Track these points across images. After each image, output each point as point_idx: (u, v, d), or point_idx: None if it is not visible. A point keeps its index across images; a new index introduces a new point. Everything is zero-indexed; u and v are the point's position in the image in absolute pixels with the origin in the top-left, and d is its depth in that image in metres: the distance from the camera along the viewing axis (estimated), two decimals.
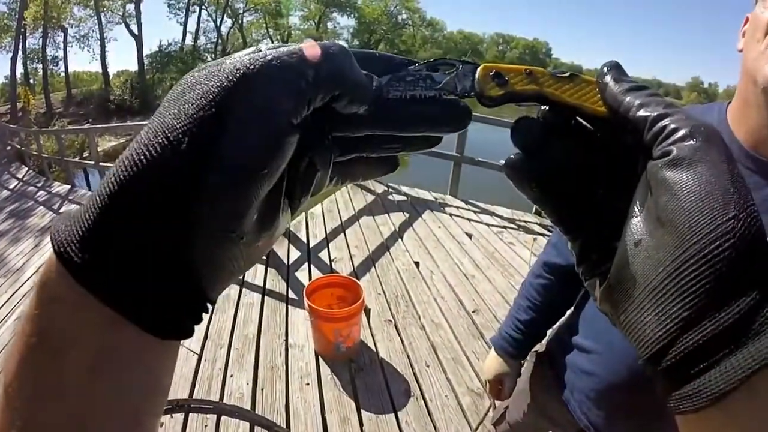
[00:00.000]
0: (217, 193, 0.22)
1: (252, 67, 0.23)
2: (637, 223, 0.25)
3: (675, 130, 0.25)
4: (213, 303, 0.25)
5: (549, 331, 1.24)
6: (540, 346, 1.26)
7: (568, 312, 1.19)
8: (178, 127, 0.22)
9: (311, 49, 0.24)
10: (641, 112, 0.26)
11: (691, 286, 0.22)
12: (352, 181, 0.34)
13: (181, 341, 0.25)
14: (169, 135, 0.22)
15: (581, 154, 0.30)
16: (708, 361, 0.21)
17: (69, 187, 8.56)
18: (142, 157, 0.21)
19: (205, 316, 0.26)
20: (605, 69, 0.29)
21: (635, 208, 0.26)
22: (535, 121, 0.30)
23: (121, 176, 0.21)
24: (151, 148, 0.21)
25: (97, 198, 0.22)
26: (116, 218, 0.21)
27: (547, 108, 0.30)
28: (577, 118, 0.30)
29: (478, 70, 0.29)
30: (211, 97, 0.22)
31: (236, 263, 0.25)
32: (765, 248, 0.22)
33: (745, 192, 0.23)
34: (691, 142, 0.24)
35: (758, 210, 0.22)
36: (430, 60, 0.29)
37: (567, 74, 0.29)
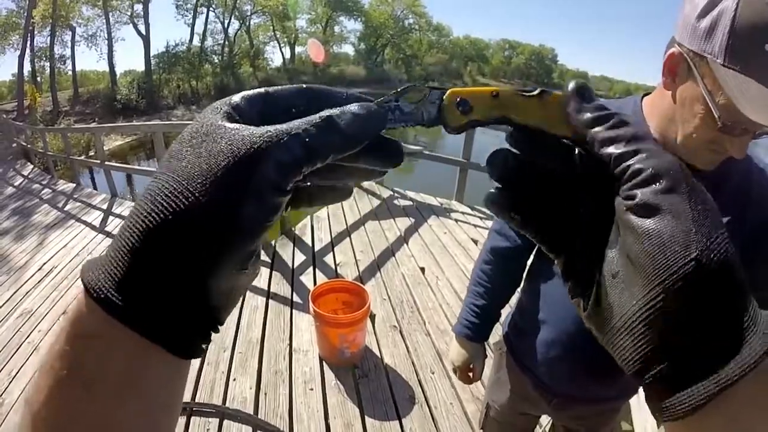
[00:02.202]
0: (235, 244, 0.26)
1: (260, 146, 0.26)
2: (613, 256, 0.28)
3: (638, 172, 0.26)
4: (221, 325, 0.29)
5: (503, 320, 1.38)
6: (499, 337, 1.38)
7: (516, 298, 1.31)
8: (201, 185, 0.25)
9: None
10: (606, 150, 0.28)
11: (658, 320, 0.25)
12: (300, 208, 0.36)
13: None
14: (194, 191, 0.25)
15: (558, 179, 0.31)
16: (678, 382, 0.25)
17: (74, 185, 8.57)
18: (169, 209, 0.25)
19: None
20: (569, 94, 0.30)
21: (612, 238, 0.28)
22: (509, 153, 0.31)
23: (150, 224, 0.25)
24: (177, 201, 0.25)
25: (126, 243, 0.25)
26: (149, 263, 0.25)
27: (513, 129, 0.30)
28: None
29: (444, 96, 0.30)
30: (229, 164, 0.26)
31: (242, 291, 0.30)
32: (729, 280, 0.25)
33: (708, 228, 0.25)
34: (654, 186, 0.26)
35: (726, 239, 0.25)
36: (398, 90, 0.31)
37: (536, 92, 0.30)
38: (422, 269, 3.90)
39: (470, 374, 1.36)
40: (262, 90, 0.31)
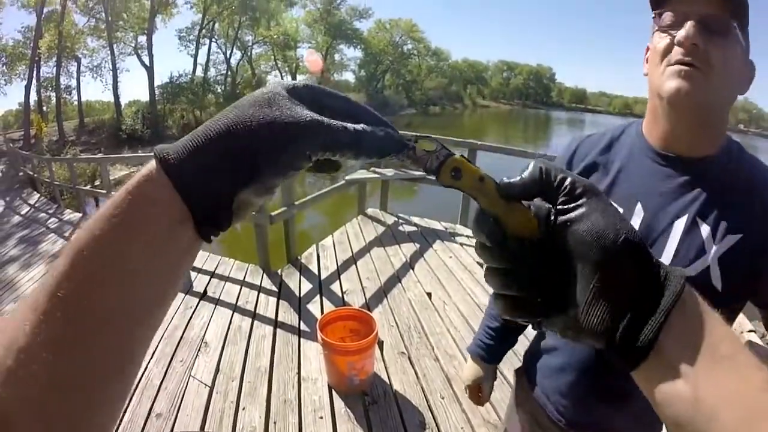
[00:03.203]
0: (265, 177, 0.36)
1: (309, 123, 0.36)
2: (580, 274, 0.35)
3: (572, 187, 0.36)
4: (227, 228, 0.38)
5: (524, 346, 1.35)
6: (517, 361, 1.36)
7: None
8: (264, 130, 0.35)
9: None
10: (556, 179, 0.37)
11: (611, 290, 0.34)
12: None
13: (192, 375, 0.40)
14: (241, 140, 0.35)
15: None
16: (631, 336, 0.34)
17: (80, 215, 8.62)
18: (240, 136, 0.35)
19: (217, 350, 0.48)
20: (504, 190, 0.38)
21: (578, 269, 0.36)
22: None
23: (220, 134, 0.35)
24: (245, 134, 0.35)
25: (197, 141, 0.35)
26: (205, 160, 0.34)
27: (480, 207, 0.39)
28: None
29: (448, 161, 0.38)
30: (285, 124, 0.35)
31: (250, 211, 0.39)
32: (646, 252, 0.35)
33: (623, 219, 0.35)
34: (583, 198, 0.35)
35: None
36: (419, 135, 0.40)
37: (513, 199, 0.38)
38: (429, 294, 3.91)
39: (480, 394, 1.37)
40: (313, 85, 0.40)
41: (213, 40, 36.51)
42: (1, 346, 0.28)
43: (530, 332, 1.31)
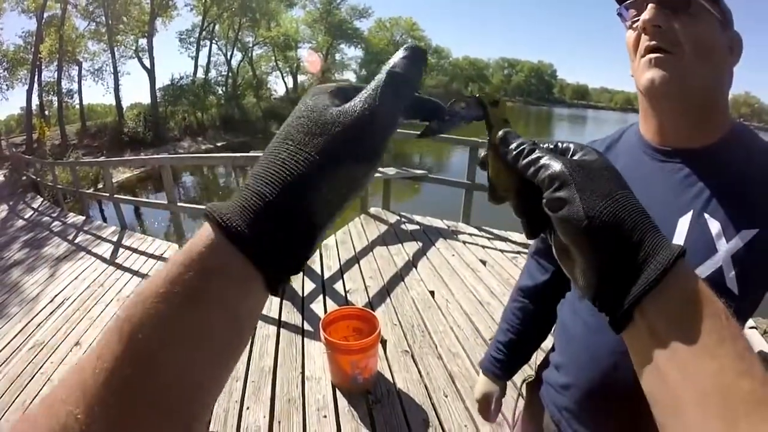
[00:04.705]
0: (330, 212, 0.35)
1: (366, 112, 0.36)
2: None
3: (543, 181, 0.39)
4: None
5: (537, 358, 1.31)
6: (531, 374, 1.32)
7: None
8: (320, 152, 0.34)
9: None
10: (528, 173, 0.40)
11: (591, 267, 0.37)
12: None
13: None
14: (312, 154, 0.34)
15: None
16: (613, 302, 0.36)
17: (84, 218, 8.64)
18: (292, 173, 0.33)
19: None
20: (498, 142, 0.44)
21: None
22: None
23: (272, 188, 0.33)
24: (299, 165, 0.33)
25: (256, 194, 0.32)
26: (271, 214, 0.32)
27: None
28: None
29: (490, 93, 0.45)
30: (347, 127, 0.35)
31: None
32: (617, 230, 0.36)
33: (591, 201, 0.37)
34: (554, 187, 0.38)
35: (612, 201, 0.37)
36: (452, 100, 0.45)
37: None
38: (432, 293, 3.91)
39: (489, 409, 1.32)
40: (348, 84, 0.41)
41: (213, 41, 36.48)
42: None
43: (545, 345, 1.28)
